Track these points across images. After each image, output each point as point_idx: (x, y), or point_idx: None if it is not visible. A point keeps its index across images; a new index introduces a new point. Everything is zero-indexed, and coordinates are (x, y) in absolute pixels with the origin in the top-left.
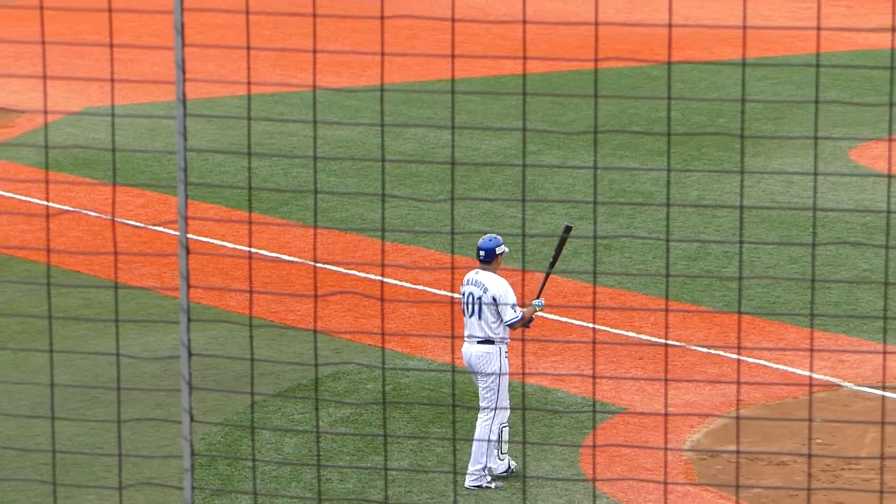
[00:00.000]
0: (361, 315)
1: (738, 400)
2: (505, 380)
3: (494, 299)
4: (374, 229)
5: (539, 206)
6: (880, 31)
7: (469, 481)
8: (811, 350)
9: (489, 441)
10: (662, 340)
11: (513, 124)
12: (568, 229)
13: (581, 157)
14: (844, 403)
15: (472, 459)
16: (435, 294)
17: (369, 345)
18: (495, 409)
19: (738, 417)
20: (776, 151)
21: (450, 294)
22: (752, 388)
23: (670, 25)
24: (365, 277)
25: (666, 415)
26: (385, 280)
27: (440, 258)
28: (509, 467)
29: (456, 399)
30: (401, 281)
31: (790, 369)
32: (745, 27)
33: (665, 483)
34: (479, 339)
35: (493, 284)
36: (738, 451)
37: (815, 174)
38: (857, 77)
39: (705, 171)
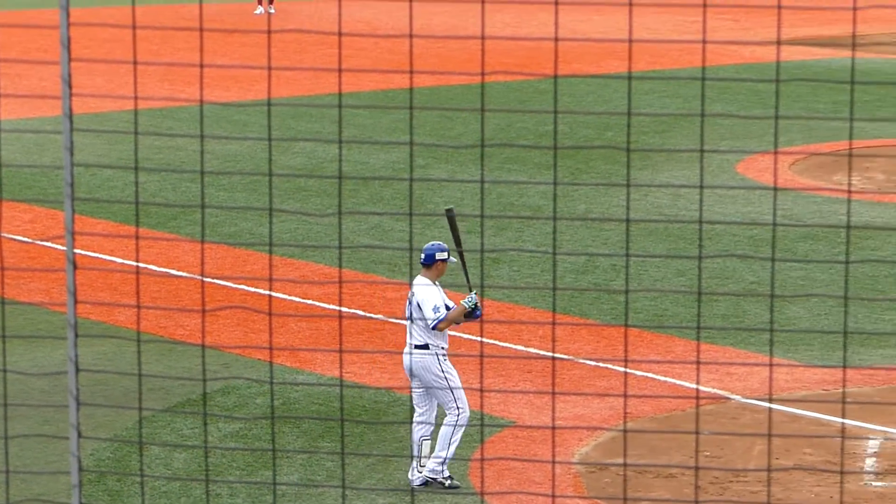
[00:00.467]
0: (250, 329)
1: (625, 413)
2: (454, 381)
3: (419, 304)
4: (262, 244)
5: (427, 220)
6: (766, 45)
7: (421, 478)
8: (698, 363)
9: (451, 446)
10: (550, 354)
11: (401, 138)
12: (450, 211)
13: (469, 171)
14: (732, 416)
15: (432, 455)
16: (324, 308)
17: (258, 359)
18: (458, 412)
19: (625, 430)
20: (664, 164)
21: (338, 308)
22: (640, 401)
23: (557, 39)
24: (254, 292)
25: (554, 428)
26: (274, 294)
27: (329, 272)
28: (426, 481)
29: (345, 413)
30: (290, 295)
31: (678, 382)
32: (631, 41)
33: (553, 496)
34: (416, 345)
35: (419, 289)
36: (625, 465)
37: (702, 187)
38: (743, 90)
39: (593, 184)
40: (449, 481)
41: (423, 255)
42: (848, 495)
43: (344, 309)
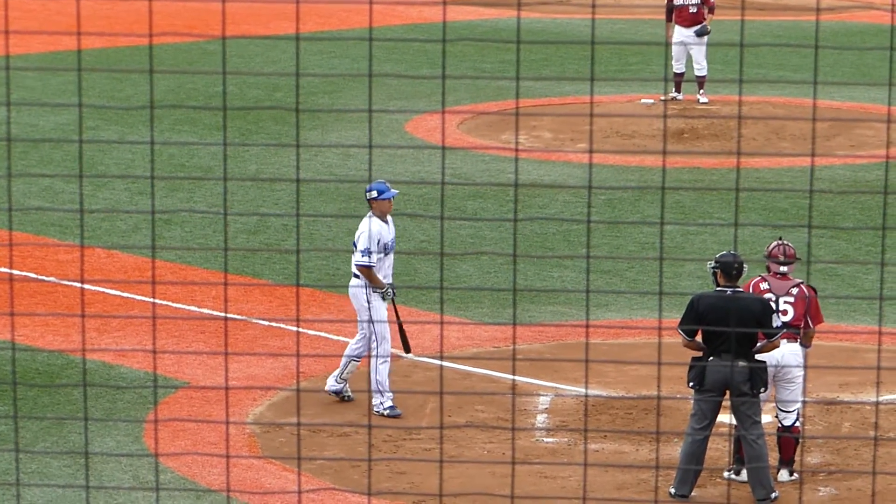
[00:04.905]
0: None
1: (298, 372)
2: (378, 314)
3: (356, 238)
4: None
5: (98, 182)
6: (433, 5)
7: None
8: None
9: (376, 372)
10: (223, 314)
11: (70, 100)
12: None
13: (140, 133)
14: (405, 374)
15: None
16: None
17: None
18: (377, 344)
19: (298, 390)
20: (333, 124)
21: (9, 271)
22: (313, 361)
23: (225, 0)
24: None
25: (227, 388)
26: None
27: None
28: (342, 393)
29: (18, 377)
30: None
31: (350, 340)
32: (298, 1)
33: (227, 456)
34: (354, 274)
35: (361, 225)
36: (298, 424)
37: (371, 147)
38: (411, 50)
39: (263, 144)
40: (388, 411)
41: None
42: (519, 451)
43: (15, 272)
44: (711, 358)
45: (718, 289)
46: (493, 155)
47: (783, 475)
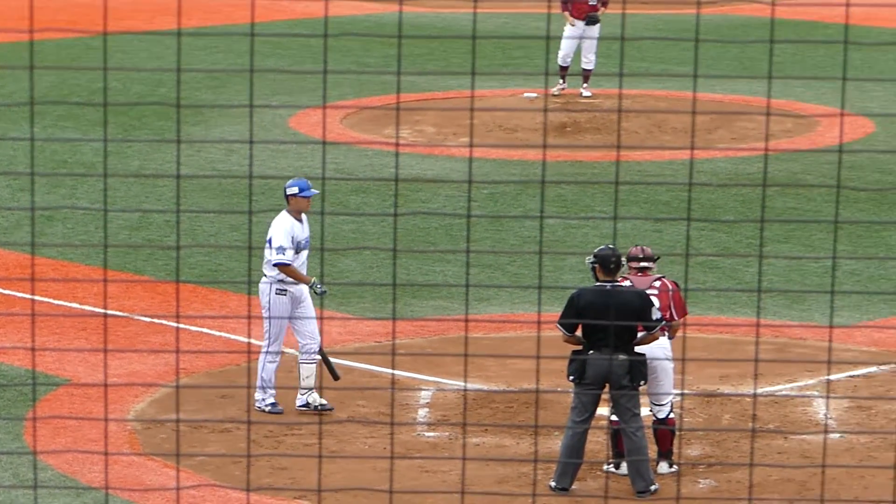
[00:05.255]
0: None
1: (178, 368)
2: (277, 321)
3: (269, 238)
4: None
5: None
6: (317, 0)
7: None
8: (249, 317)
9: (263, 369)
10: (104, 311)
11: None
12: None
13: (21, 129)
14: (289, 369)
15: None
16: None
17: None
18: (269, 342)
19: (178, 386)
20: (217, 120)
21: None
22: (194, 357)
23: None
24: None
25: (108, 385)
26: None
27: None
28: (314, 404)
29: None
30: None
31: (232, 336)
32: None
33: (107, 454)
34: (263, 272)
35: (273, 223)
36: (178, 420)
37: (251, 142)
38: (295, 45)
39: (146, 140)
40: (269, 408)
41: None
42: (400, 446)
43: None
44: (591, 352)
45: (598, 283)
46: (377, 149)
47: (662, 467)
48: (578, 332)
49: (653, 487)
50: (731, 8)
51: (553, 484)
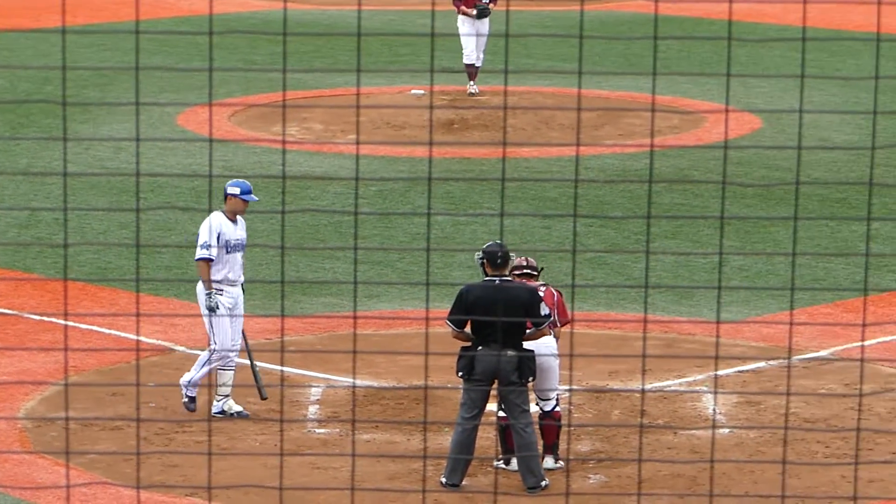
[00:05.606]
0: None
1: (66, 366)
2: (219, 321)
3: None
4: None
5: None
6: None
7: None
8: (138, 315)
9: (199, 371)
10: None
11: None
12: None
13: None
14: (176, 367)
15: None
16: None
17: None
18: (212, 346)
19: (66, 384)
20: (105, 118)
21: None
22: (84, 355)
23: None
24: None
25: None
26: None
27: None
28: (229, 411)
29: None
30: None
31: (121, 334)
32: None
33: None
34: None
35: (204, 221)
36: (67, 418)
37: (138, 140)
38: (182, 43)
39: (34, 138)
40: (187, 400)
41: None
42: (291, 443)
43: None
44: (480, 348)
45: (486, 279)
46: (265, 147)
47: (548, 462)
48: (467, 329)
49: (543, 483)
50: (616, 4)
51: (443, 480)
